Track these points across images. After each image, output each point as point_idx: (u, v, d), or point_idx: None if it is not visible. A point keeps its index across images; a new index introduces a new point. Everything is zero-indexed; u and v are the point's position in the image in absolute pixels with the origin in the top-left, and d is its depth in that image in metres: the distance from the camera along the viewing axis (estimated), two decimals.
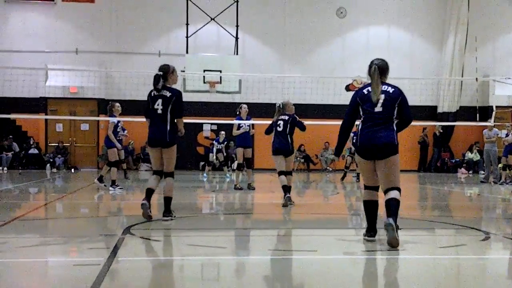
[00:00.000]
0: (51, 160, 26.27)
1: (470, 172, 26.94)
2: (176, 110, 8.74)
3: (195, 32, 24.00)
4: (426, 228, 9.06)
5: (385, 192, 7.04)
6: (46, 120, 26.54)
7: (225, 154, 24.13)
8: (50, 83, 26.24)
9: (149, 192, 8.89)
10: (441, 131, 27.68)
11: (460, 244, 7.41)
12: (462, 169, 27.18)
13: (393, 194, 6.96)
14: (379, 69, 7.20)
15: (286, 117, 11.42)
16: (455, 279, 5.60)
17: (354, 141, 17.22)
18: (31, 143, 26.49)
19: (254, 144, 26.83)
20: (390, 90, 7.16)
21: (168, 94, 8.71)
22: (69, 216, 10.17)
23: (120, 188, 14.47)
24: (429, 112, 27.82)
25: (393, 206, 6.88)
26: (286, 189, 10.94)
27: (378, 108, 7.05)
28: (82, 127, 27.24)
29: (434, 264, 6.24)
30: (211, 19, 24.41)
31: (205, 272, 5.75)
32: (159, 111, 8.71)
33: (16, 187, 16.22)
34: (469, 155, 27.65)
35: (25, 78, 20.58)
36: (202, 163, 26.29)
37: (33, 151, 26.43)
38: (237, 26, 24.05)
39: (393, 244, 6.64)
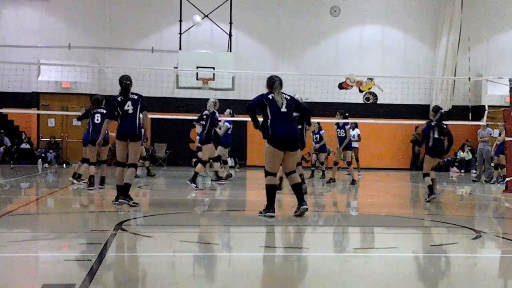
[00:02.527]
0: (43, 155, 26.20)
1: (462, 171, 27.00)
2: (144, 107, 10.45)
3: (188, 29, 23.95)
4: (417, 226, 9.08)
5: (289, 174, 9.10)
6: (38, 115, 26.46)
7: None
8: (43, 78, 26.16)
9: (121, 189, 10.09)
10: None
11: (452, 243, 7.42)
12: (454, 168, 27.25)
13: (297, 178, 9.15)
14: (281, 83, 9.36)
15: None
16: (446, 277, 5.60)
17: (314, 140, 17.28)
18: (23, 137, 26.40)
19: (246, 142, 26.96)
20: (288, 97, 9.39)
21: (135, 97, 10.37)
22: (60, 211, 10.14)
23: (84, 182, 14.00)
24: (422, 111, 27.85)
25: (301, 192, 9.14)
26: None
27: (283, 109, 9.14)
28: (74, 123, 27.12)
29: (426, 262, 6.25)
30: (205, 15, 24.35)
31: (197, 268, 5.74)
32: (130, 111, 10.25)
33: (7, 181, 16.16)
34: (461, 154, 27.72)
35: (17, 73, 20.50)
36: (194, 159, 26.23)
37: (25, 145, 26.34)
38: (230, 23, 24.00)
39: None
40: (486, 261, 6.49)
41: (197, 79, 21.45)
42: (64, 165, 25.97)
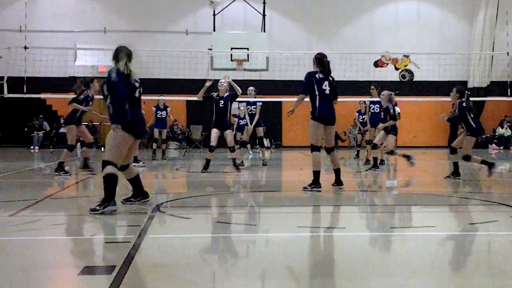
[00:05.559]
0: (81, 139, 26.52)
1: (501, 147, 26.61)
2: None
3: (222, 10, 23.93)
4: (456, 204, 8.99)
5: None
6: None
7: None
8: (79, 62, 26.46)
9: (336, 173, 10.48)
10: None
11: (491, 221, 7.34)
12: (493, 144, 26.86)
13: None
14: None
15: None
16: (486, 256, 5.56)
17: (361, 120, 17.19)
18: (61, 122, 26.77)
19: (282, 122, 26.92)
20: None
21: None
22: (100, 195, 10.27)
23: (143, 163, 15.25)
24: None
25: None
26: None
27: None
28: None
29: (464, 240, 6.20)
30: None
31: (234, 249, 5.78)
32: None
33: (47, 165, 16.43)
34: (500, 130, 27.30)
35: (54, 58, 20.79)
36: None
37: (64, 130, 26.67)
38: (264, 3, 23.92)
39: None
40: None
41: (231, 60, 21.47)
42: (102, 148, 26.28)
